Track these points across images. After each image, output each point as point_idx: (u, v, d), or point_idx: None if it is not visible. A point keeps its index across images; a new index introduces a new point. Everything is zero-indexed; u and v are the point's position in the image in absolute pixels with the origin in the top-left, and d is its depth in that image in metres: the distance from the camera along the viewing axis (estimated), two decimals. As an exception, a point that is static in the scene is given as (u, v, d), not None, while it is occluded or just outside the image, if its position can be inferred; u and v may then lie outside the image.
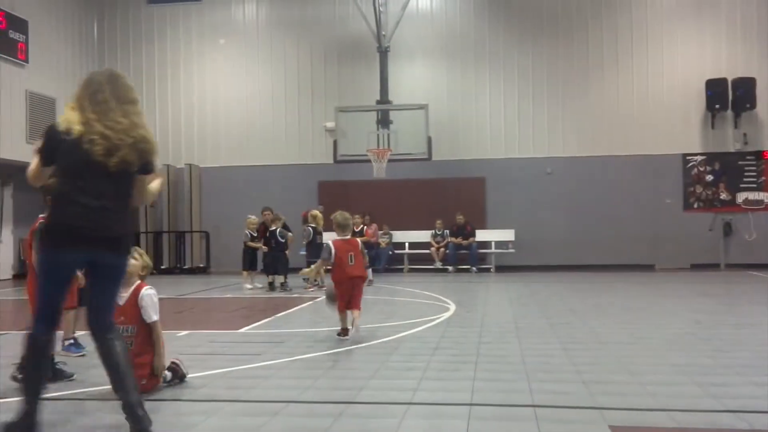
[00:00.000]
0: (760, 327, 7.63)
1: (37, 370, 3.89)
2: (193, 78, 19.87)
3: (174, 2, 19.88)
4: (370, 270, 14.34)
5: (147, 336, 5.02)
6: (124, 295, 4.93)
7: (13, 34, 16.49)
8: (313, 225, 13.62)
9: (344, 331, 7.21)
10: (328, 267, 7.49)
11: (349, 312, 7.30)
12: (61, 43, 18.62)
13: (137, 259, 5.19)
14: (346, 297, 7.29)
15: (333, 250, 7.22)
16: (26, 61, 16.92)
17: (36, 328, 3.88)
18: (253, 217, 14.10)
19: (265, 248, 13.61)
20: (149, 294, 5.09)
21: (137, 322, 4.99)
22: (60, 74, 18.45)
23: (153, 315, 5.05)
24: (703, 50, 17.98)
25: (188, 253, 18.91)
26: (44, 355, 3.95)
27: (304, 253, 14.02)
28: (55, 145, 3.93)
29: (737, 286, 13.45)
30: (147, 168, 4.05)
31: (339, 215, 7.65)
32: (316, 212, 13.83)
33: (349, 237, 7.63)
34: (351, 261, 7.25)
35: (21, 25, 16.74)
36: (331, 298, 7.41)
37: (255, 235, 13.92)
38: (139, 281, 5.18)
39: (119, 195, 3.93)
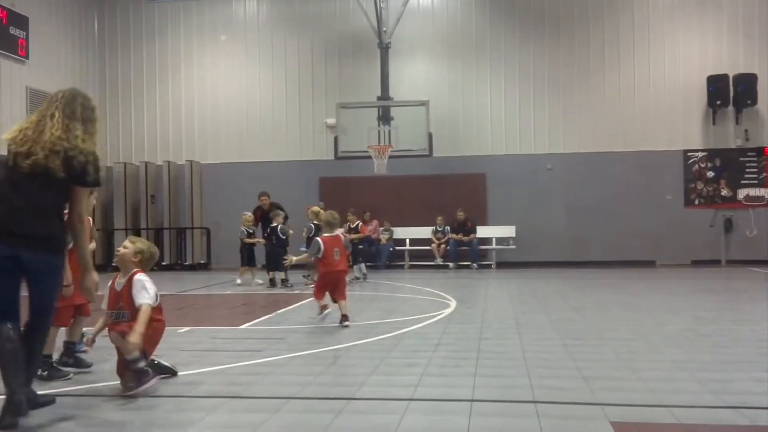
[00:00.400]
0: (760, 323, 7.63)
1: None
2: (193, 74, 19.86)
3: (174, -1, 19.88)
4: (363, 265, 14.43)
5: None
6: (121, 281, 5.16)
7: (14, 31, 16.49)
8: (316, 221, 13.58)
9: (323, 307, 8.01)
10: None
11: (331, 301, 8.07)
12: (61, 39, 18.62)
13: (128, 247, 5.24)
14: (329, 288, 7.99)
15: (322, 246, 7.86)
16: (27, 57, 16.92)
17: None
18: (249, 213, 14.10)
19: (262, 242, 13.64)
20: (139, 279, 5.10)
21: (132, 309, 5.00)
22: (60, 71, 18.46)
23: (139, 299, 5.00)
24: (705, 46, 17.96)
25: (189, 250, 18.91)
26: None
27: (304, 249, 14.00)
28: None
29: (738, 282, 13.45)
30: (80, 179, 4.29)
31: (328, 214, 8.39)
32: (317, 208, 13.80)
33: (336, 234, 8.21)
34: (336, 256, 7.93)
35: (22, 22, 16.74)
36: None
37: (251, 231, 13.93)
38: (136, 269, 5.16)
39: (37, 197, 4.16)
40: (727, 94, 17.43)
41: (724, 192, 17.74)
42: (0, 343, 4.05)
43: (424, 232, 18.17)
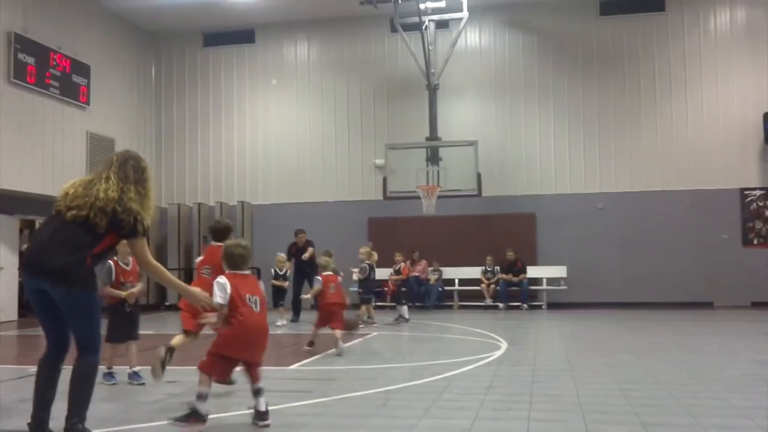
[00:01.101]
0: (827, 368, 7.32)
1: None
2: (245, 117, 20.34)
3: (228, 44, 20.47)
4: (405, 308, 14.24)
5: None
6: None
7: (76, 78, 17.18)
8: (369, 262, 13.61)
9: (312, 344, 9.16)
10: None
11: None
12: (120, 86, 19.32)
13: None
14: (325, 318, 9.17)
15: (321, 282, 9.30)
16: (87, 103, 17.59)
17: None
18: (282, 255, 14.12)
19: (285, 285, 13.65)
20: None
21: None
22: (119, 116, 19.13)
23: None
24: (760, 82, 17.63)
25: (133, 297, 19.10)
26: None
27: (357, 289, 14.02)
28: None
29: (801, 324, 12.95)
30: (131, 235, 4.62)
31: (322, 259, 9.94)
32: (370, 250, 13.86)
33: (330, 274, 9.47)
34: (332, 289, 9.26)
35: (84, 70, 17.44)
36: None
37: (281, 273, 13.83)
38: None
39: (64, 234, 4.48)
40: (784, 131, 17.03)
41: (784, 231, 17.22)
42: (42, 375, 4.49)
43: (474, 272, 18.03)
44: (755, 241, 17.33)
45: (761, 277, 16.95)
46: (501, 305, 17.38)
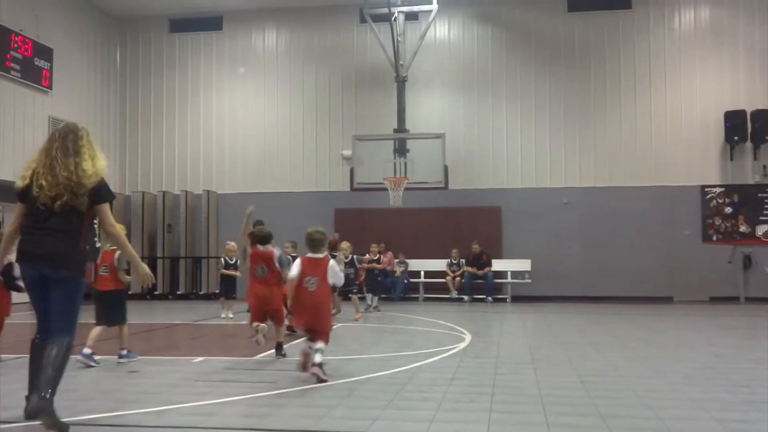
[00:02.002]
0: (781, 362, 7.50)
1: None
2: (212, 105, 20.12)
3: (195, 31, 20.22)
4: (375, 298, 14.47)
5: None
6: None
7: (39, 62, 16.82)
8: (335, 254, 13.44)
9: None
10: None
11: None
12: (84, 70, 18.96)
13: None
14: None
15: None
16: (50, 87, 17.24)
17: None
18: (232, 243, 13.47)
19: (239, 274, 12.80)
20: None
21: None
22: (82, 101, 18.78)
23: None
24: (722, 81, 17.97)
25: (204, 279, 18.95)
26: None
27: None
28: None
29: (757, 320, 13.25)
30: (96, 201, 4.97)
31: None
32: (347, 244, 13.62)
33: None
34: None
35: (46, 53, 17.08)
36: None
37: (231, 262, 13.27)
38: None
39: (65, 226, 4.83)
40: (745, 129, 17.39)
41: (743, 228, 17.60)
42: (35, 355, 4.87)
43: (439, 264, 18.11)
44: (714, 238, 17.68)
45: (720, 273, 17.32)
46: (466, 298, 17.49)
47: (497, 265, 17.89)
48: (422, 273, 18.18)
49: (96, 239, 19.19)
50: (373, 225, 18.19)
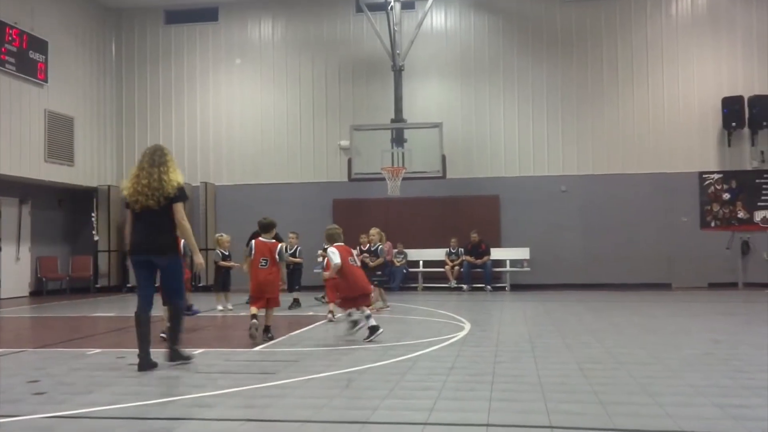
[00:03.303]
0: (780, 347, 7.52)
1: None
2: (208, 97, 20.06)
3: (191, 22, 20.13)
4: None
5: None
6: None
7: (33, 55, 16.75)
8: (381, 244, 13.36)
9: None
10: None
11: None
12: (79, 62, 18.88)
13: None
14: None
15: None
16: (45, 80, 17.17)
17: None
18: (225, 235, 13.47)
19: (237, 265, 12.55)
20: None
21: None
22: (78, 93, 18.72)
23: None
24: (719, 68, 17.93)
25: (203, 271, 18.91)
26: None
27: (319, 270, 13.90)
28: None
29: (756, 305, 13.28)
30: (172, 201, 6.64)
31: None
32: (380, 231, 13.52)
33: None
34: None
35: (41, 46, 17.00)
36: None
37: (227, 254, 13.22)
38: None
39: (157, 223, 6.63)
40: (743, 115, 17.37)
41: (741, 214, 17.60)
42: (139, 319, 6.66)
43: (438, 254, 18.13)
44: (713, 224, 17.69)
45: (718, 259, 17.35)
46: (465, 287, 17.52)
47: (496, 253, 17.91)
48: (421, 263, 18.19)
49: (94, 232, 19.21)
50: (372, 215, 18.16)
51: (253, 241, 8.73)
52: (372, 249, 13.43)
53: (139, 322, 6.63)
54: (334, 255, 8.50)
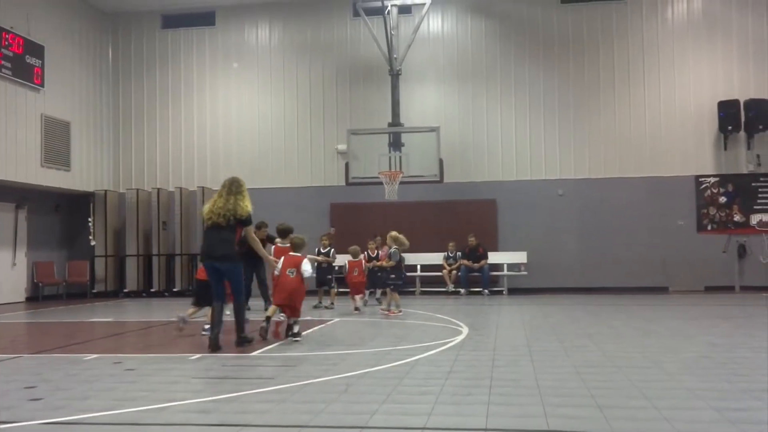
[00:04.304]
0: (777, 351, 7.53)
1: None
2: (206, 101, 20.07)
3: (188, 26, 20.14)
4: (379, 291, 14.58)
5: None
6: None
7: (30, 59, 16.75)
8: (397, 247, 13.01)
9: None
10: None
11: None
12: (76, 67, 18.88)
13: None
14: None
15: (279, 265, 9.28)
16: (42, 85, 17.16)
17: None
18: None
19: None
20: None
21: None
22: (75, 98, 18.71)
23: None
24: (715, 71, 17.99)
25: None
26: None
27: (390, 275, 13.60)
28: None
29: (752, 308, 13.31)
30: (240, 223, 8.29)
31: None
32: (396, 233, 13.20)
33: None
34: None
35: (37, 51, 17.00)
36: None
37: None
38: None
39: (222, 237, 8.21)
40: (739, 119, 17.42)
41: (737, 217, 17.64)
42: (213, 311, 8.38)
43: (436, 258, 18.13)
44: (709, 227, 17.73)
45: (715, 262, 17.38)
46: (462, 291, 17.52)
47: (493, 257, 17.92)
48: (418, 267, 18.18)
49: (91, 237, 19.19)
50: (369, 219, 18.18)
51: (273, 248, 9.53)
52: (372, 256, 14.40)
53: (215, 310, 8.36)
54: (278, 264, 9.05)
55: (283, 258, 9.07)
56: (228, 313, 8.63)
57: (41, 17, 17.39)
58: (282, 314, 9.25)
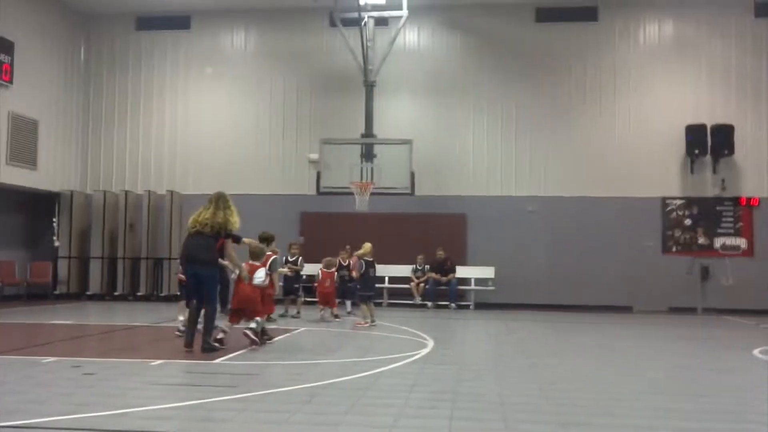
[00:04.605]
0: (739, 372, 7.64)
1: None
2: (178, 105, 19.87)
3: (162, 29, 19.96)
4: (349, 303, 14.54)
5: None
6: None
7: (-1, 55, 16.43)
8: (367, 258, 12.91)
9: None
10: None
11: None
12: (46, 65, 18.57)
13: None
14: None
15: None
16: (10, 82, 16.83)
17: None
18: None
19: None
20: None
21: None
22: (44, 96, 18.39)
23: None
24: (684, 95, 18.28)
25: (165, 280, 18.66)
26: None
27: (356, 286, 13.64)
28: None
29: (714, 330, 13.51)
30: (223, 235, 8.74)
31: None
32: (367, 244, 13.13)
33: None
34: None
35: (6, 47, 16.69)
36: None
37: None
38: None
39: (204, 244, 8.68)
40: (705, 143, 17.71)
41: (701, 240, 17.92)
42: (190, 311, 8.88)
43: (404, 270, 18.10)
44: (674, 249, 17.97)
45: (679, 284, 17.60)
46: (429, 304, 17.51)
47: (461, 271, 17.95)
48: (386, 278, 18.13)
49: (55, 237, 18.85)
50: (339, 229, 18.09)
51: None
52: (344, 265, 14.42)
53: (191, 314, 8.83)
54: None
55: (243, 265, 9.12)
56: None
57: (12, 14, 17.09)
58: (225, 325, 9.05)
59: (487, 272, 17.97)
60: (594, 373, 7.44)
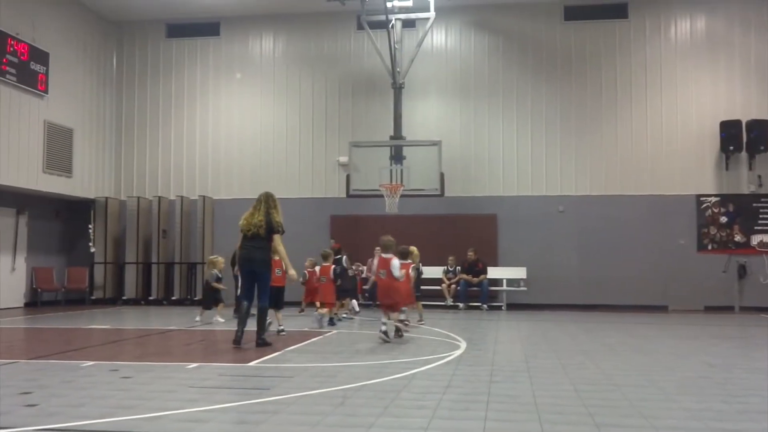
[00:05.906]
0: (775, 372, 7.50)
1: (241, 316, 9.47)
2: (208, 111, 20.12)
3: (192, 36, 20.22)
4: (354, 302, 14.76)
5: None
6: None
7: (34, 66, 16.80)
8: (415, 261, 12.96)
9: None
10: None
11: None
12: (80, 74, 18.94)
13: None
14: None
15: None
16: (46, 92, 17.21)
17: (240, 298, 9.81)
18: (220, 257, 13.96)
19: (225, 288, 13.68)
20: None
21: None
22: (78, 105, 18.76)
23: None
24: (717, 91, 18.03)
25: (199, 285, 18.89)
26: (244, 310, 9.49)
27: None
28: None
29: (751, 329, 13.28)
30: (273, 232, 9.38)
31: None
32: (415, 249, 13.24)
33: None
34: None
35: (42, 57, 17.07)
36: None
37: (221, 276, 13.68)
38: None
39: (260, 245, 9.36)
40: (740, 139, 17.44)
41: (738, 237, 17.64)
42: (241, 309, 9.47)
43: (435, 271, 18.07)
44: (709, 247, 17.72)
45: (715, 282, 17.35)
46: (461, 305, 17.48)
47: (493, 272, 17.90)
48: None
49: (91, 243, 19.18)
50: (369, 232, 18.12)
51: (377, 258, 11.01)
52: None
53: (240, 308, 9.51)
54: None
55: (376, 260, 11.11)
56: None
57: (46, 24, 17.47)
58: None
59: (519, 273, 17.90)
60: (626, 374, 7.37)
